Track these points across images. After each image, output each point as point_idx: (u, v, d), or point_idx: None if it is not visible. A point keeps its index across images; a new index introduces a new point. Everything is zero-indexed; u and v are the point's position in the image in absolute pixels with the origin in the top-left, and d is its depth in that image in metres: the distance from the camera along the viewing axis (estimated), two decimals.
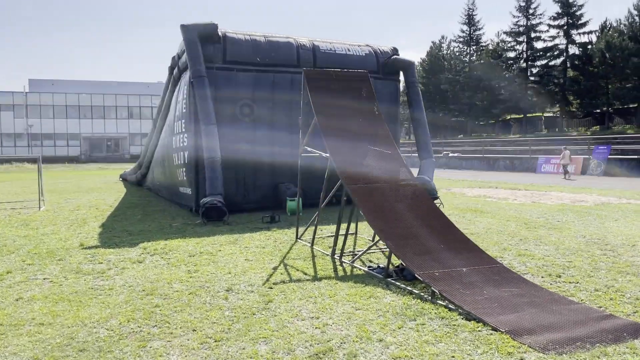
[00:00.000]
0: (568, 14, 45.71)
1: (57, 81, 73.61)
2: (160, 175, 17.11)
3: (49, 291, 6.03)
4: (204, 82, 12.28)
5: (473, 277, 5.90)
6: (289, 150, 13.48)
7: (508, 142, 41.09)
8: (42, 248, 8.69)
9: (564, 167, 26.99)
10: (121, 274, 6.84)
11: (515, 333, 4.50)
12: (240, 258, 7.80)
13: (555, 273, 6.66)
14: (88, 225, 11.37)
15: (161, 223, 11.64)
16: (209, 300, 5.63)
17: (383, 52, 15.16)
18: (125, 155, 70.87)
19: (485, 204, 14.13)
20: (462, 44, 55.96)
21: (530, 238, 9.12)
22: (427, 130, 14.92)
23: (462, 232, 7.16)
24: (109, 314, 5.14)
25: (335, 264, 7.39)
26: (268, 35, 13.94)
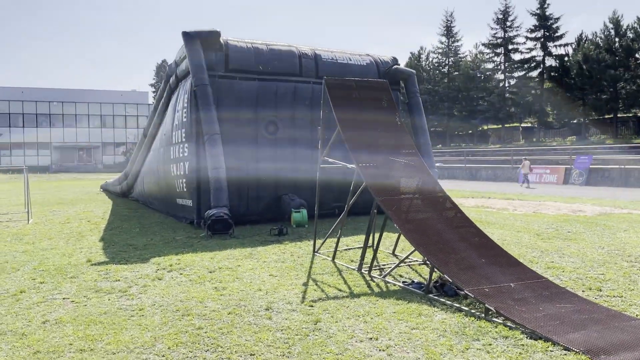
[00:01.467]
0: (545, 26, 46.80)
1: (27, 89, 71.55)
2: (153, 185, 16.58)
3: (75, 312, 5.61)
4: (206, 90, 11.94)
5: (523, 292, 5.73)
6: (292, 161, 13.23)
7: (489, 152, 41.62)
8: (48, 265, 8.19)
9: (524, 176, 27.93)
10: (145, 293, 6.44)
11: (592, 353, 4.33)
12: (263, 273, 7.48)
13: (594, 287, 6.56)
14: (87, 239, 10.85)
15: (163, 236, 11.20)
16: (252, 320, 5.31)
17: (384, 61, 15.08)
18: (98, 165, 69.28)
19: (488, 215, 14.10)
20: (440, 55, 56.70)
21: (550, 250, 9.05)
22: (429, 139, 14.87)
23: (499, 245, 7.01)
24: (152, 338, 4.77)
25: (366, 279, 7.14)
26: (270, 43, 13.70)
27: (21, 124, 68.21)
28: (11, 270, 7.83)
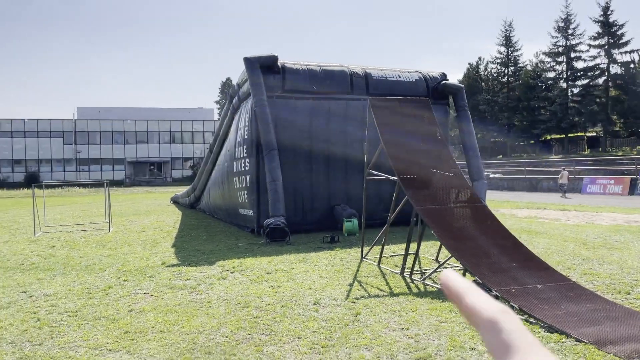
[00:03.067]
0: (609, 33, 45.36)
1: (104, 108, 76.75)
2: (218, 197, 17.90)
3: (155, 304, 6.67)
4: (265, 110, 13.02)
5: (548, 293, 6.25)
6: (344, 174, 14.07)
7: (550, 163, 40.68)
8: (129, 266, 9.42)
9: (561, 186, 27.98)
10: (212, 289, 7.44)
11: (600, 343, 4.84)
12: (314, 275, 8.32)
13: (624, 290, 6.93)
14: (160, 245, 12.12)
15: (227, 243, 12.30)
16: (301, 312, 6.15)
17: (432, 77, 15.68)
18: (167, 179, 72.96)
19: (539, 225, 14.30)
20: (499, 65, 55.98)
21: (592, 258, 9.34)
22: (478, 152, 15.28)
23: (532, 251, 7.51)
24: (218, 323, 5.72)
25: (407, 282, 7.82)
26: (323, 65, 14.67)
27: (98, 141, 73.09)
28: (99, 271, 9.10)
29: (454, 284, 0.42)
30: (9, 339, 5.39)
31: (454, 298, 0.42)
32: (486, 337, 0.38)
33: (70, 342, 5.23)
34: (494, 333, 0.37)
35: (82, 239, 13.68)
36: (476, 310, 0.39)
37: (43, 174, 66.49)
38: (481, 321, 0.39)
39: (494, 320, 0.38)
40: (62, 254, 11.05)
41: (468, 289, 0.41)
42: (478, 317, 0.39)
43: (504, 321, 0.38)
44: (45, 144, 70.06)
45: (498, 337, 0.37)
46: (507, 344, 0.36)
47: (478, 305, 0.39)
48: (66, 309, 6.54)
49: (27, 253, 11.32)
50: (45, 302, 6.94)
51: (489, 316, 0.38)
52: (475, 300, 0.40)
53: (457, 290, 0.42)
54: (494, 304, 0.40)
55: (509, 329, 0.37)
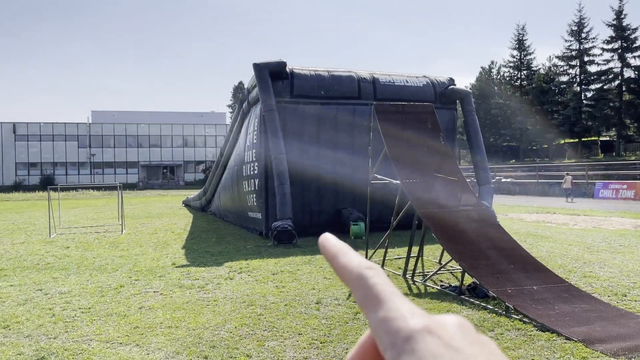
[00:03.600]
0: (622, 37, 45.07)
1: (118, 112, 77.81)
2: (228, 201, 18.22)
3: (164, 301, 6.95)
4: (274, 115, 13.31)
5: (544, 294, 6.42)
6: (351, 178, 14.28)
7: (563, 167, 40.49)
8: (140, 266, 9.73)
9: (565, 190, 28.82)
10: (219, 289, 7.71)
11: (588, 341, 5.02)
12: (318, 277, 8.55)
13: (620, 293, 7.07)
14: (171, 247, 12.43)
15: (236, 245, 12.58)
16: (303, 310, 6.39)
17: (440, 82, 15.86)
18: (180, 182, 73.67)
19: (545, 229, 14.39)
20: (512, 69, 55.82)
21: (594, 261, 9.46)
22: (485, 157, 15.40)
23: (530, 254, 7.68)
24: (223, 320, 5.98)
25: (409, 283, 8.03)
26: (331, 70, 14.93)
27: (112, 144, 74.06)
28: (111, 270, 9.42)
29: (328, 245, 0.44)
30: (26, 333, 5.70)
31: (328, 258, 0.44)
32: (356, 293, 0.40)
33: (83, 336, 5.53)
34: (362, 288, 0.39)
35: (96, 240, 14.05)
36: (346, 269, 0.41)
37: (58, 177, 67.51)
38: (350, 278, 0.40)
39: (361, 276, 0.40)
40: (76, 255, 11.41)
41: (340, 249, 0.43)
42: (348, 274, 0.41)
43: (370, 276, 0.39)
44: (60, 147, 71.15)
45: (365, 292, 0.39)
46: (373, 296, 0.38)
47: (347, 264, 0.42)
48: (80, 305, 6.85)
49: (42, 253, 11.70)
50: (59, 299, 7.26)
51: (357, 272, 0.40)
52: (346, 260, 0.42)
53: (330, 250, 0.44)
54: (362, 261, 0.42)
55: (374, 282, 0.39)
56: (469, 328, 0.38)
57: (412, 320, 0.36)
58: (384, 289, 0.38)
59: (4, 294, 7.65)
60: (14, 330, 5.81)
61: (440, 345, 0.34)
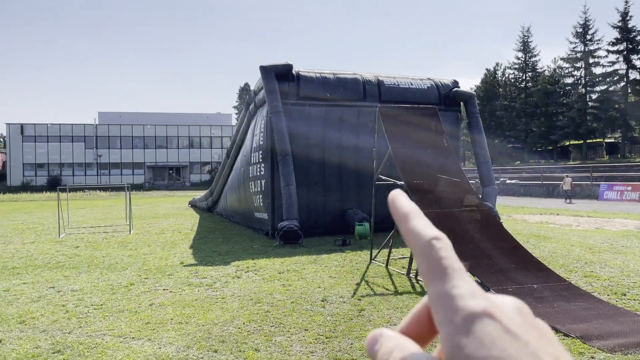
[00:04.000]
0: (627, 39, 45.09)
1: (124, 113, 78.32)
2: (235, 201, 18.43)
3: (173, 299, 7.15)
4: (280, 117, 13.50)
5: (544, 292, 6.57)
6: (356, 179, 14.46)
7: (568, 169, 40.52)
8: (149, 265, 9.94)
9: (565, 192, 29.50)
10: (227, 287, 7.90)
11: (586, 338, 5.18)
12: (324, 275, 8.73)
13: (620, 292, 7.21)
14: (179, 247, 12.64)
15: (242, 245, 12.78)
16: (309, 308, 6.57)
17: (444, 84, 16.02)
18: (185, 183, 74.02)
19: (548, 230, 14.52)
20: (517, 70, 55.87)
21: (595, 261, 9.59)
22: (489, 158, 15.55)
23: (531, 253, 7.83)
24: (231, 317, 6.17)
25: (412, 282, 8.19)
26: (337, 73, 15.11)
27: (119, 145, 74.49)
28: (121, 269, 9.64)
29: (400, 206, 0.43)
30: (42, 328, 5.91)
31: (397, 218, 0.42)
32: (420, 261, 0.39)
33: (97, 331, 5.73)
34: (428, 258, 0.38)
35: (104, 240, 14.28)
36: (414, 235, 0.40)
37: (65, 178, 67.94)
38: (417, 244, 0.40)
39: (429, 245, 0.39)
40: (86, 254, 11.64)
41: (411, 213, 0.42)
42: (415, 240, 0.40)
43: (438, 247, 0.39)
44: (67, 148, 71.62)
45: (430, 262, 0.38)
46: (438, 269, 0.37)
47: (416, 230, 0.40)
48: (92, 302, 7.06)
49: (53, 252, 11.93)
50: (72, 296, 7.47)
51: (424, 242, 0.39)
52: (416, 224, 0.41)
53: (401, 211, 0.42)
54: (432, 230, 0.41)
55: (440, 255, 0.38)
56: (527, 312, 0.38)
57: (473, 301, 0.36)
58: (450, 264, 0.38)
59: (18, 291, 7.87)
60: (30, 326, 6.02)
61: (498, 329, 0.34)
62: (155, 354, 4.93)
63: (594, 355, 4.76)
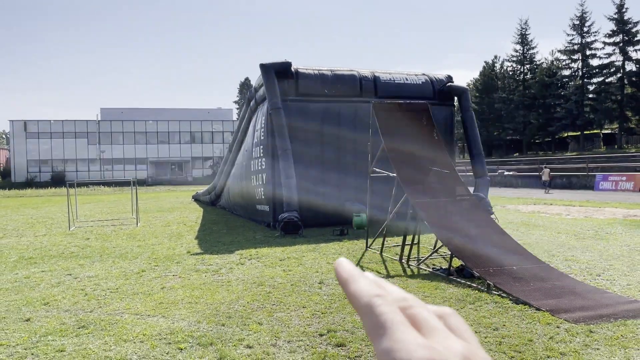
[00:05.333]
0: (623, 31, 45.47)
1: (126, 109, 78.90)
2: (237, 195, 19.04)
3: (183, 283, 7.77)
4: (280, 113, 14.08)
5: (522, 273, 7.17)
6: (353, 172, 15.04)
7: (564, 160, 41.04)
8: (158, 254, 10.56)
9: (543, 182, 30.62)
10: (231, 272, 8.52)
11: (554, 311, 5.78)
12: (322, 262, 9.33)
13: (595, 273, 7.81)
14: (185, 238, 13.26)
15: (246, 236, 13.39)
16: (307, 289, 7.18)
17: (438, 79, 16.56)
18: (188, 178, 74.62)
19: (539, 219, 15.11)
20: (515, 63, 56.29)
21: (578, 247, 10.19)
22: (482, 150, 16.11)
23: (513, 239, 8.43)
24: (237, 297, 6.78)
25: (404, 267, 8.80)
26: (334, 69, 15.67)
27: (121, 141, 75.10)
28: (132, 258, 10.26)
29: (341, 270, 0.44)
30: (64, 308, 6.53)
31: (340, 283, 0.43)
32: (364, 321, 0.39)
33: (115, 310, 6.35)
34: (369, 316, 0.39)
35: (113, 232, 14.90)
36: (356, 296, 0.41)
37: (69, 174, 68.59)
38: (359, 306, 0.40)
39: (369, 304, 0.39)
40: (97, 245, 12.26)
41: (351, 276, 0.43)
42: (357, 302, 0.41)
43: (378, 305, 0.39)
44: (70, 144, 72.21)
45: (372, 320, 0.38)
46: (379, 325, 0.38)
47: (357, 291, 0.41)
48: (108, 287, 7.68)
49: (65, 244, 12.55)
50: (89, 282, 8.09)
51: (365, 301, 0.40)
52: (356, 287, 0.42)
53: (342, 276, 0.44)
54: (372, 289, 0.41)
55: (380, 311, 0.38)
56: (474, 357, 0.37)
57: (416, 352, 0.36)
58: (390, 318, 0.38)
59: (38, 278, 8.49)
60: (54, 307, 6.64)
61: None
62: (170, 328, 5.55)
63: (559, 325, 5.36)
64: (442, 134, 14.60)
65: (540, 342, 4.87)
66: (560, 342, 4.86)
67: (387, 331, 0.37)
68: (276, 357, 4.65)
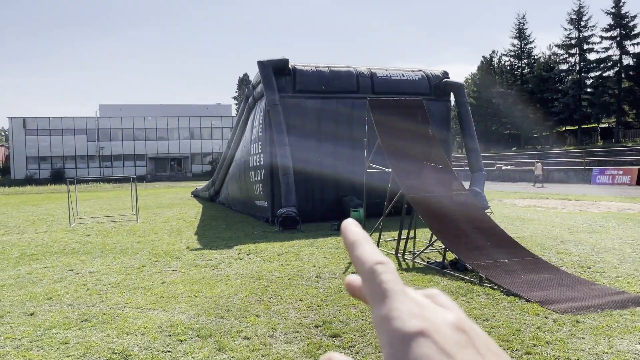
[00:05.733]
0: (620, 25, 45.54)
1: (125, 106, 78.88)
2: (236, 190, 19.21)
3: (183, 278, 7.94)
4: (278, 109, 14.22)
5: (514, 266, 7.35)
6: (350, 168, 15.20)
7: (562, 154, 41.22)
8: (158, 250, 10.73)
9: (536, 177, 31.00)
10: (230, 267, 8.69)
11: (544, 302, 5.95)
12: (319, 256, 9.51)
13: (586, 265, 7.99)
14: (184, 233, 13.43)
15: (244, 231, 13.56)
16: (304, 283, 7.35)
17: (435, 75, 16.70)
18: (187, 174, 74.79)
19: (534, 213, 15.29)
20: (513, 57, 56.38)
21: (571, 240, 10.36)
22: (477, 145, 16.27)
23: (506, 232, 8.60)
24: (235, 291, 6.96)
25: (399, 260, 8.97)
26: (331, 66, 15.80)
27: (120, 137, 75.16)
28: (132, 253, 10.43)
29: (348, 233, 0.45)
30: (67, 302, 6.70)
31: (346, 245, 0.44)
32: (365, 286, 0.40)
33: (117, 304, 6.52)
34: (371, 282, 0.40)
35: (113, 228, 15.07)
36: (360, 261, 0.42)
37: (68, 171, 68.70)
38: (362, 271, 0.41)
39: (372, 270, 0.40)
40: (97, 241, 12.43)
41: (358, 240, 0.44)
42: (361, 267, 0.41)
43: (380, 272, 0.40)
44: (69, 141, 72.25)
45: (373, 286, 0.39)
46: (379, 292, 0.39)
47: (362, 256, 0.42)
48: (109, 282, 7.85)
49: (66, 240, 12.72)
50: (90, 277, 8.26)
51: (368, 267, 0.41)
52: (361, 252, 0.42)
53: (349, 239, 0.44)
54: (375, 255, 0.42)
55: (382, 279, 0.39)
56: (466, 327, 0.39)
57: (410, 322, 0.37)
58: (390, 287, 0.39)
59: (40, 274, 8.66)
60: (57, 301, 6.81)
61: (433, 349, 0.35)
62: (170, 321, 5.72)
63: (547, 315, 5.54)
64: (438, 129, 14.78)
65: (528, 332, 5.05)
66: (547, 332, 5.04)
67: (387, 299, 0.39)
68: (273, 348, 4.83)
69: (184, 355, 4.71)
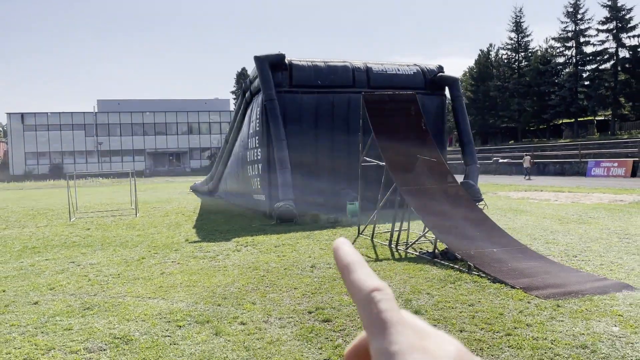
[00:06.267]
0: (617, 18, 45.61)
1: (123, 101, 78.89)
2: (234, 184, 19.44)
3: (181, 269, 8.18)
4: (274, 104, 14.43)
5: (501, 255, 7.60)
6: (346, 161, 15.43)
7: (558, 147, 41.46)
8: (157, 243, 10.97)
9: (525, 169, 31.81)
10: (228, 258, 8.94)
11: (528, 289, 6.20)
12: (315, 248, 9.75)
13: (572, 254, 8.24)
14: (183, 227, 13.67)
15: (242, 224, 13.80)
16: (299, 272, 7.60)
17: (429, 70, 16.90)
18: (186, 169, 74.94)
19: (527, 205, 15.54)
20: (510, 51, 56.44)
21: (560, 231, 10.62)
22: (472, 138, 16.50)
23: (495, 223, 8.85)
24: (232, 280, 7.20)
25: (392, 251, 9.22)
26: (327, 61, 15.99)
27: (118, 133, 75.24)
28: (132, 246, 10.67)
29: (341, 254, 0.43)
30: (70, 292, 6.94)
31: (339, 269, 0.42)
32: (361, 314, 0.39)
33: (117, 294, 6.76)
34: (368, 311, 0.38)
35: (113, 222, 15.30)
36: (355, 287, 0.40)
37: (66, 166, 68.76)
38: (358, 298, 0.40)
39: (368, 298, 0.39)
40: (97, 234, 12.67)
41: (352, 263, 0.42)
42: (356, 293, 0.40)
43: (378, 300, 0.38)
44: (67, 136, 72.32)
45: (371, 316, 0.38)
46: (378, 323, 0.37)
47: (357, 282, 0.40)
48: (110, 273, 8.09)
49: (67, 234, 12.95)
50: (91, 268, 8.50)
51: (364, 295, 0.39)
52: (357, 276, 0.41)
53: (342, 262, 0.42)
54: (372, 281, 0.40)
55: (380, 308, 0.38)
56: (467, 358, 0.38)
57: (411, 356, 0.36)
58: (389, 318, 0.38)
59: (43, 266, 8.89)
60: (60, 291, 7.05)
61: None
62: (169, 308, 5.97)
63: (530, 301, 5.79)
64: (433, 123, 15.03)
65: (510, 316, 5.30)
66: (529, 315, 5.29)
67: (386, 331, 0.37)
68: (267, 332, 5.08)
69: (182, 340, 4.95)
